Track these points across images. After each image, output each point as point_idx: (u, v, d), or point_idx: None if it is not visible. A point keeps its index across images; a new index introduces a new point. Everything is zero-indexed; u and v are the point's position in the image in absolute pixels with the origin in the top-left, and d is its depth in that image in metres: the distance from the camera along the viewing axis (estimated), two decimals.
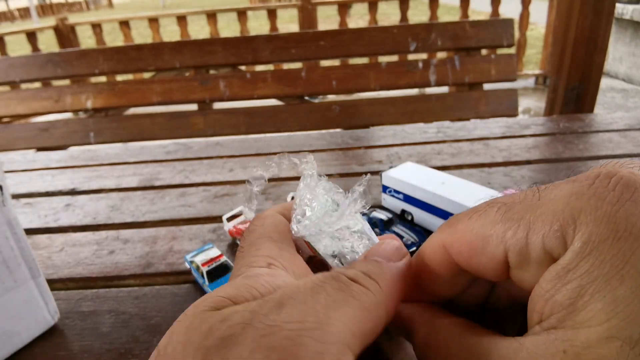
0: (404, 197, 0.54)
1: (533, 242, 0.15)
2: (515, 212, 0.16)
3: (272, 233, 0.22)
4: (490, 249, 0.16)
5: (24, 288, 0.39)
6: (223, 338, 0.14)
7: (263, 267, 0.20)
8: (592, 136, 0.81)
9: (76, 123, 1.29)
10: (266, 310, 0.15)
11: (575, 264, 0.14)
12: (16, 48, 4.60)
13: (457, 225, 0.18)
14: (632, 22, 3.39)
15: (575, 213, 0.15)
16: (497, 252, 0.16)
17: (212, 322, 0.15)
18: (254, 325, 0.15)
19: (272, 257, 0.20)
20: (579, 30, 1.22)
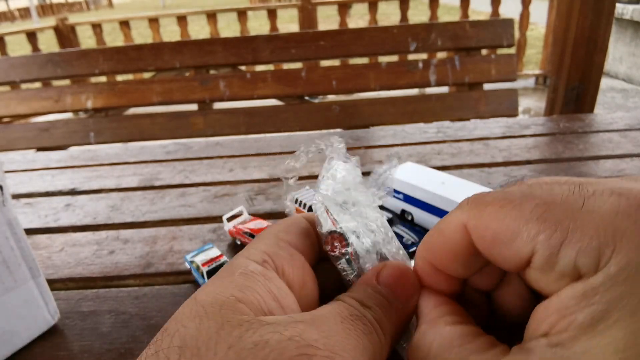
0: (404, 197, 0.54)
1: (565, 253, 0.15)
2: (553, 215, 0.15)
3: (281, 231, 0.22)
4: (517, 245, 0.16)
5: (24, 288, 0.39)
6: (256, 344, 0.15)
7: (258, 264, 0.20)
8: (592, 136, 0.81)
9: (76, 123, 1.29)
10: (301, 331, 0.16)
11: (606, 288, 0.14)
12: (16, 48, 4.60)
13: (485, 210, 0.17)
14: (632, 22, 3.39)
15: (617, 235, 0.14)
16: (524, 250, 0.16)
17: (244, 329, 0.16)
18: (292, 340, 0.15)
19: (268, 254, 0.20)
20: (579, 30, 1.22)
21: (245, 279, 0.19)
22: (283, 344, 0.15)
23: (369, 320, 0.18)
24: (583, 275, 0.14)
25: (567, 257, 0.15)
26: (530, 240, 0.15)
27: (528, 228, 0.15)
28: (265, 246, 0.21)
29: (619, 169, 0.68)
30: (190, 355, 0.15)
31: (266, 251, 0.20)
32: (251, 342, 0.15)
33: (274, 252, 0.21)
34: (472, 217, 0.18)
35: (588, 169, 0.69)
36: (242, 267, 0.19)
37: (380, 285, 0.19)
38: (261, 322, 0.16)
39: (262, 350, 0.15)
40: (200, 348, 0.15)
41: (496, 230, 0.16)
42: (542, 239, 0.15)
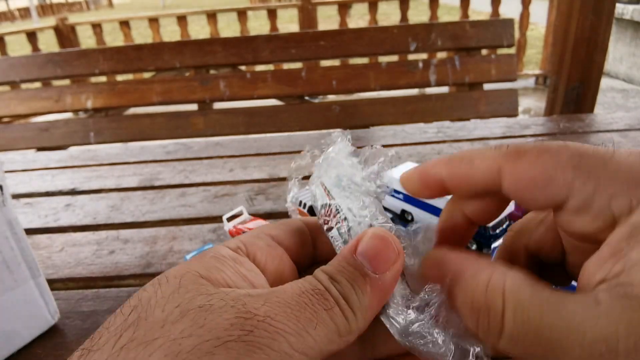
0: (404, 197, 0.54)
1: (600, 197, 0.16)
2: (587, 164, 0.17)
3: (268, 226, 0.23)
4: (552, 189, 0.17)
5: (24, 288, 0.39)
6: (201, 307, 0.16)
7: (230, 250, 0.20)
8: (592, 136, 0.81)
9: (76, 123, 1.29)
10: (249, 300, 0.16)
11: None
12: (16, 48, 4.60)
13: (524, 157, 0.18)
14: (632, 22, 3.39)
15: None
16: (559, 194, 0.17)
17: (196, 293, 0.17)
18: (234, 307, 0.16)
19: (244, 242, 0.21)
20: (579, 30, 1.22)
21: (215, 261, 0.19)
22: (224, 308, 0.16)
23: (333, 294, 0.18)
24: (617, 217, 0.16)
25: (601, 201, 0.16)
26: (566, 185, 0.17)
27: (564, 175, 0.17)
28: (244, 237, 0.22)
29: None
30: (141, 310, 0.16)
31: (242, 240, 0.21)
32: (197, 304, 0.16)
33: (251, 241, 0.21)
34: (509, 162, 0.19)
35: None
36: (213, 251, 0.20)
37: (357, 257, 0.19)
38: (216, 291, 0.17)
39: (204, 312, 0.16)
40: (151, 306, 0.17)
41: (533, 175, 0.18)
42: (577, 184, 0.17)
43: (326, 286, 0.18)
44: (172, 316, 0.16)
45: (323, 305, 0.17)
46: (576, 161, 0.17)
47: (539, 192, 0.18)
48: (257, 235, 0.22)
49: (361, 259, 0.19)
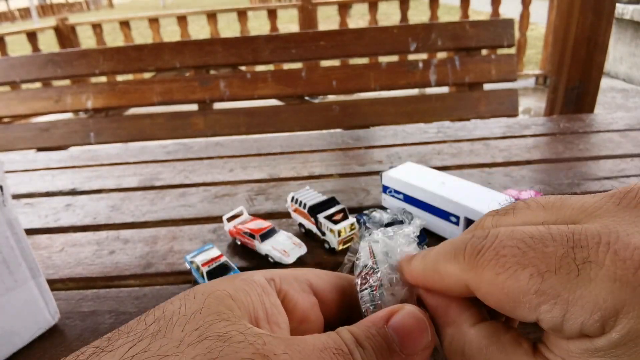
0: (404, 197, 0.54)
1: (570, 326, 0.15)
2: (551, 287, 0.16)
3: (311, 271, 0.22)
4: (521, 311, 0.17)
5: (25, 288, 0.39)
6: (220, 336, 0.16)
7: (263, 278, 0.20)
8: (592, 136, 0.81)
9: (76, 123, 1.29)
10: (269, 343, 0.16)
11: (608, 349, 0.15)
12: (16, 48, 4.60)
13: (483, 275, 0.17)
14: (632, 22, 3.39)
15: (618, 305, 0.14)
16: (529, 317, 0.16)
17: (217, 318, 0.16)
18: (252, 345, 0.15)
19: (280, 277, 0.21)
20: (579, 30, 1.22)
21: (244, 283, 0.19)
22: (243, 344, 0.15)
23: (355, 359, 0.17)
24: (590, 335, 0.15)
25: (572, 328, 0.15)
26: (533, 310, 0.16)
27: (528, 300, 0.16)
28: (283, 273, 0.21)
29: (619, 169, 0.68)
30: (163, 324, 0.16)
31: (280, 275, 0.21)
32: (216, 333, 0.16)
33: (286, 279, 0.21)
34: (471, 280, 0.18)
35: (588, 169, 0.69)
36: (246, 275, 0.20)
37: (388, 328, 0.19)
38: (238, 321, 0.17)
39: (222, 343, 0.15)
40: (172, 322, 0.16)
41: (498, 298, 0.17)
42: (544, 310, 0.16)
43: (350, 349, 0.17)
44: (189, 338, 0.16)
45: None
46: (537, 284, 0.16)
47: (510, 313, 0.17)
48: (296, 277, 0.21)
49: (392, 332, 0.18)
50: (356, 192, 0.66)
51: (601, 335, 0.15)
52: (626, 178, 0.65)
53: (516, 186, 0.64)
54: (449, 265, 0.19)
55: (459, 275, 0.18)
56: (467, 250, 0.18)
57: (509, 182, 0.66)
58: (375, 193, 0.65)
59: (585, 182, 0.64)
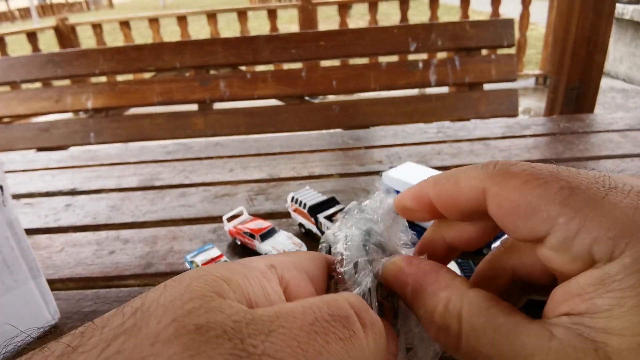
0: None
1: (582, 239, 0.15)
2: (576, 200, 0.16)
3: (307, 258, 0.21)
4: (534, 221, 0.16)
5: (25, 288, 0.39)
6: (198, 328, 0.14)
7: (264, 264, 0.19)
8: (592, 136, 0.81)
9: (76, 123, 1.29)
10: (251, 330, 0.14)
11: (622, 277, 0.14)
12: (17, 48, 4.60)
13: (511, 181, 0.17)
14: (632, 22, 3.39)
15: (634, 229, 0.15)
16: (541, 228, 0.16)
17: (197, 305, 0.15)
18: (231, 340, 0.14)
19: (277, 262, 0.19)
20: (579, 30, 1.22)
21: (242, 267, 0.17)
22: (220, 339, 0.14)
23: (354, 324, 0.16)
24: (597, 261, 0.15)
25: (582, 243, 0.15)
26: (549, 220, 0.16)
27: (549, 208, 0.16)
28: (281, 258, 0.20)
29: (619, 169, 0.68)
30: (139, 317, 0.14)
31: (280, 262, 0.19)
32: (194, 323, 0.14)
33: (287, 267, 0.19)
34: (494, 184, 0.18)
35: (589, 169, 0.69)
36: (244, 260, 0.19)
37: None
38: (220, 304, 0.15)
39: (199, 337, 0.13)
40: (150, 313, 0.14)
41: (517, 203, 0.17)
42: (561, 221, 0.16)
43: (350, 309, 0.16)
44: (165, 333, 0.14)
45: (341, 334, 0.15)
46: (565, 195, 0.16)
47: (521, 223, 0.17)
48: (295, 265, 0.20)
49: None
50: (356, 192, 0.66)
51: (610, 260, 0.15)
52: None
53: None
54: (472, 171, 0.19)
55: (481, 180, 0.18)
56: (499, 162, 0.18)
57: None
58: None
59: None
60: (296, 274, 0.19)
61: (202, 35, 5.15)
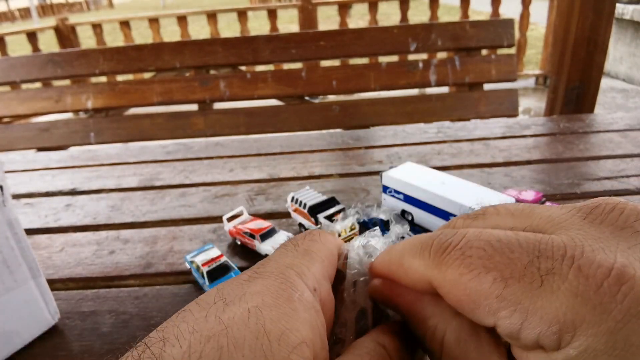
0: (404, 198, 0.54)
1: (526, 334, 0.15)
2: (512, 293, 0.16)
3: (326, 256, 0.21)
4: (479, 313, 0.17)
5: (25, 288, 0.39)
6: None
7: (309, 291, 0.19)
8: (592, 136, 0.81)
9: (76, 123, 1.29)
10: None
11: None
12: (17, 48, 4.60)
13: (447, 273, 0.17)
14: (633, 22, 3.39)
15: (577, 321, 0.14)
16: (487, 321, 0.16)
17: None
18: None
19: (318, 282, 0.19)
20: (579, 30, 1.22)
21: (314, 315, 0.18)
22: None
23: None
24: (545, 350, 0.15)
25: (528, 337, 0.15)
26: (492, 314, 0.16)
27: (489, 303, 0.16)
28: (317, 271, 0.20)
29: (619, 169, 0.68)
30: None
31: (317, 279, 0.20)
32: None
33: (321, 283, 0.20)
34: (435, 277, 0.18)
35: (588, 169, 0.69)
36: (299, 290, 0.18)
37: None
38: None
39: None
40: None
41: (458, 297, 0.17)
42: (502, 315, 0.16)
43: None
44: None
45: None
46: (500, 289, 0.16)
47: (469, 314, 0.17)
48: (324, 276, 0.20)
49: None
50: (356, 192, 0.66)
51: (557, 349, 0.15)
52: (626, 178, 0.65)
53: (516, 186, 0.64)
54: (414, 260, 0.19)
55: (423, 272, 0.19)
56: (433, 246, 0.18)
57: (509, 182, 0.66)
58: (375, 193, 0.65)
59: (585, 182, 0.64)
60: (327, 290, 0.20)
61: (202, 35, 5.15)
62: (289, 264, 0.19)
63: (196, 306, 0.17)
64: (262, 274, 0.19)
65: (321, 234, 0.23)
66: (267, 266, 0.20)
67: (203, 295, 0.18)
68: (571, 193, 0.62)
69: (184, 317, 0.17)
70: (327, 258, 0.21)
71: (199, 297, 0.18)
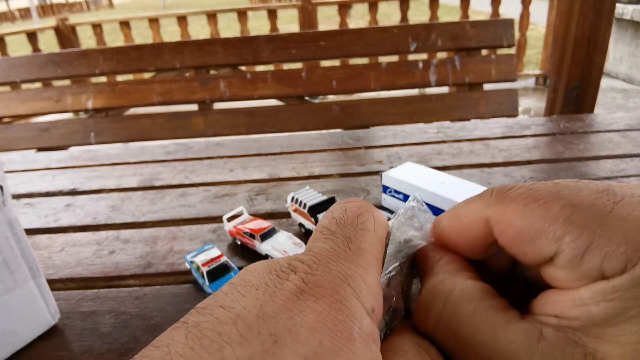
0: (404, 197, 0.54)
1: (592, 257, 0.15)
2: (581, 218, 0.15)
3: (379, 252, 0.18)
4: (540, 243, 0.16)
5: (25, 288, 0.39)
6: None
7: (368, 317, 0.15)
8: (592, 136, 0.81)
9: (76, 123, 1.29)
10: None
11: (627, 287, 0.14)
12: (17, 48, 4.60)
13: (510, 206, 0.17)
14: (632, 22, 3.39)
15: None
16: (547, 250, 0.16)
17: None
18: None
19: (376, 297, 0.16)
20: (579, 30, 1.22)
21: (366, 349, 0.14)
22: None
23: None
24: (607, 277, 0.15)
25: (592, 261, 0.15)
26: (555, 240, 0.15)
27: (554, 229, 0.15)
28: (373, 284, 0.16)
29: (619, 169, 0.68)
30: None
31: (375, 293, 0.16)
32: None
33: (378, 297, 0.16)
34: (495, 212, 0.17)
35: (588, 169, 0.69)
36: (358, 321, 0.14)
37: None
38: None
39: None
40: None
41: (520, 227, 0.16)
42: (567, 240, 0.15)
43: None
44: None
45: None
46: (568, 213, 0.15)
47: (527, 247, 0.16)
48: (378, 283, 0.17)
49: None
50: (356, 192, 0.66)
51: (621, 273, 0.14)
52: (626, 178, 0.65)
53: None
54: (471, 204, 0.19)
55: (481, 211, 0.18)
56: (496, 188, 0.18)
57: (509, 182, 0.66)
58: (375, 193, 0.65)
59: None
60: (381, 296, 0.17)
61: (202, 35, 5.15)
62: (343, 275, 0.15)
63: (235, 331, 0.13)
64: (312, 289, 0.14)
65: (375, 215, 0.18)
66: (317, 275, 0.15)
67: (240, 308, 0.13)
68: None
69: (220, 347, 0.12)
70: (380, 253, 0.18)
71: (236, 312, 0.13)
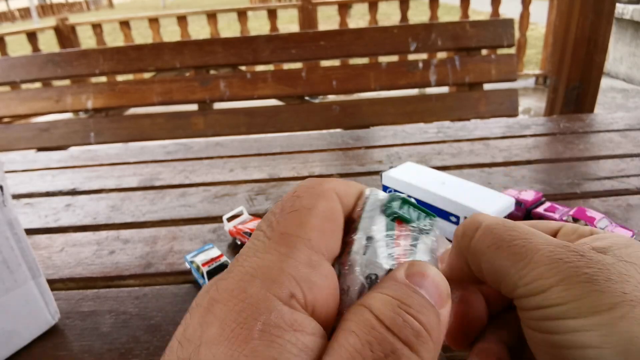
0: None
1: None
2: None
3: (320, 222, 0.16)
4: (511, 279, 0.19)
5: (25, 288, 0.39)
6: None
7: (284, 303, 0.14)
8: (592, 136, 0.81)
9: (76, 123, 1.29)
10: None
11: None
12: (17, 48, 4.60)
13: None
14: (632, 22, 3.39)
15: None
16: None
17: None
18: None
19: (299, 281, 0.14)
20: (579, 30, 1.22)
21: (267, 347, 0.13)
22: None
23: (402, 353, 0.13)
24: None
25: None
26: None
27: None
28: (297, 266, 0.14)
29: (619, 169, 0.68)
30: None
31: (300, 274, 0.14)
32: None
33: (307, 278, 0.14)
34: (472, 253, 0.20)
35: (588, 169, 0.69)
36: (263, 315, 0.13)
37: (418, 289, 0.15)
38: None
39: None
40: None
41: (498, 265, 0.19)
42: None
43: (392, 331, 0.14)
44: None
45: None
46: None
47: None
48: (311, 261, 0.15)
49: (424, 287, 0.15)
50: None
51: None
52: (626, 178, 0.65)
53: (516, 186, 0.64)
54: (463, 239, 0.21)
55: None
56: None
57: (509, 182, 0.66)
58: None
59: (585, 182, 0.64)
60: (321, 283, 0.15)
61: (202, 35, 5.15)
62: (253, 271, 0.14)
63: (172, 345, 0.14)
64: (221, 294, 0.14)
65: (309, 189, 0.17)
66: (228, 278, 0.14)
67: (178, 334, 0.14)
68: (571, 193, 0.62)
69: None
70: (324, 223, 0.16)
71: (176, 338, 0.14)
